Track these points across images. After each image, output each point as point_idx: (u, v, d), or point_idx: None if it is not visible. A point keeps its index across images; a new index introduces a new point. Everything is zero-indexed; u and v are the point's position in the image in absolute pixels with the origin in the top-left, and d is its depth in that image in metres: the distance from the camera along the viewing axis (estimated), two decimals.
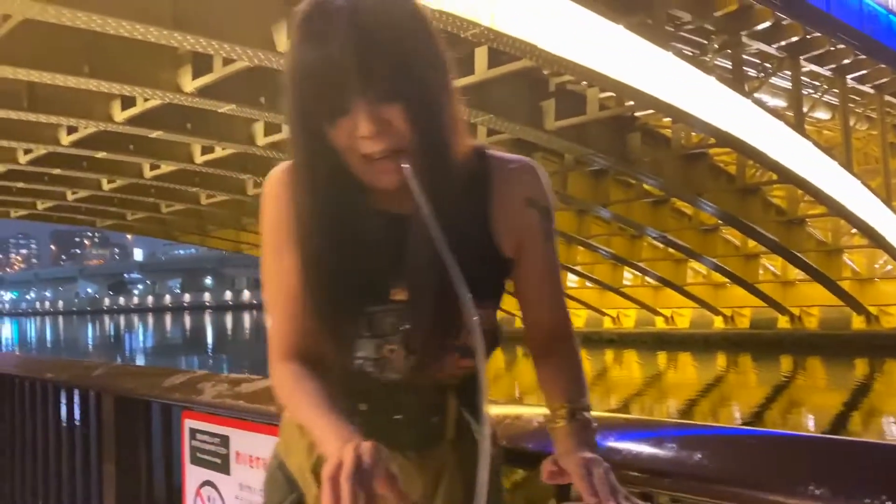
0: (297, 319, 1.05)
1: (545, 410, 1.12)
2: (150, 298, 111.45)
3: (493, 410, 1.25)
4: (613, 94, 15.21)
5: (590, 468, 0.93)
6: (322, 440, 0.95)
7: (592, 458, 0.96)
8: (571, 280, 28.45)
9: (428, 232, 0.94)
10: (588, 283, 28.00)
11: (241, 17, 10.40)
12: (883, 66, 19.64)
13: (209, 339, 44.34)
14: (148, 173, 20.50)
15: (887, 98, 21.60)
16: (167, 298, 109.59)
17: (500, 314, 1.09)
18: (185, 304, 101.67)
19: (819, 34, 17.13)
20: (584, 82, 14.65)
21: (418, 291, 1.00)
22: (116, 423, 2.44)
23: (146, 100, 13.94)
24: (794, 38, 16.84)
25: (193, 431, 2.20)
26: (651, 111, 16.11)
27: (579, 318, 30.38)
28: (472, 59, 12.52)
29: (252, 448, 1.97)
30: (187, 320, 72.81)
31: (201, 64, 12.38)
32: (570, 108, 15.02)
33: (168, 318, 79.46)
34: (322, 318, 1.03)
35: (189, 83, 12.76)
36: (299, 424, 1.08)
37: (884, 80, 20.44)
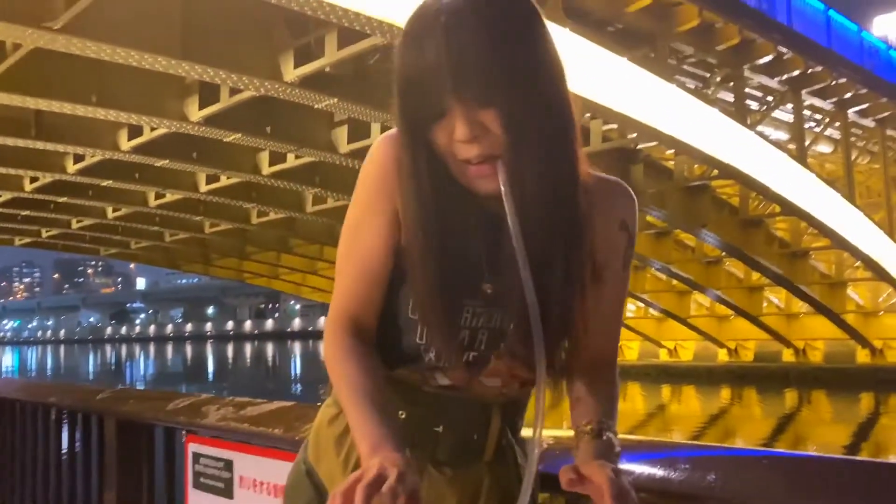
0: (367, 287, 1.02)
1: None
2: (151, 328, 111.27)
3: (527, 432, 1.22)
4: (616, 126, 15.32)
5: (615, 478, 0.88)
6: (356, 438, 0.92)
7: (617, 469, 0.91)
8: None
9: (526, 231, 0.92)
10: None
11: (248, 48, 10.53)
12: (884, 100, 19.79)
13: (210, 369, 44.16)
14: (153, 202, 20.60)
15: (889, 132, 21.72)
16: (169, 328, 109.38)
17: None
18: (187, 334, 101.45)
19: (820, 68, 17.28)
20: (588, 114, 14.75)
21: (500, 290, 0.98)
22: (119, 447, 2.42)
23: (153, 129, 14.05)
24: (796, 72, 16.99)
25: (197, 455, 2.18)
26: (654, 143, 16.19)
27: None
28: None
29: (256, 472, 1.95)
30: (188, 350, 72.60)
31: (208, 93, 12.51)
32: None
33: (169, 348, 79.23)
34: (427, 307, 0.99)
35: (195, 112, 12.87)
36: (336, 433, 1.05)
37: (885, 113, 20.57)
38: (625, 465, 1.10)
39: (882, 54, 19.91)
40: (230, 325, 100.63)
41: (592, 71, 12.13)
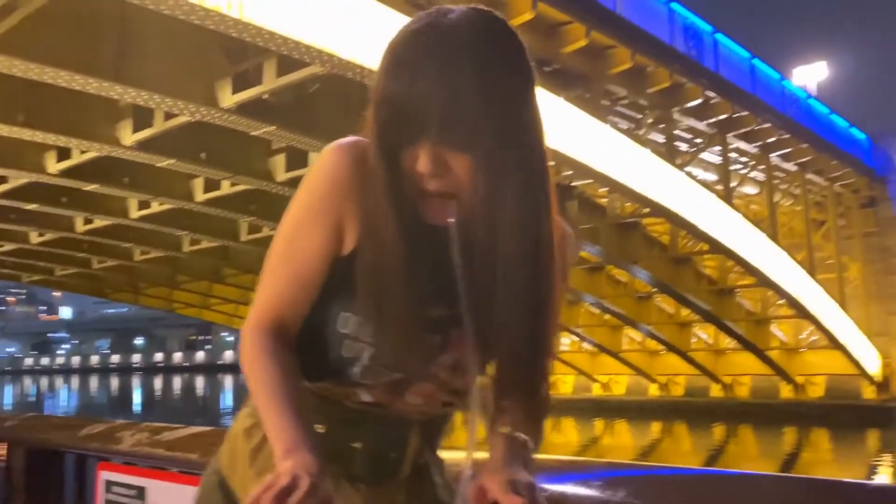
0: (297, 293, 0.99)
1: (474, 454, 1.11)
2: (76, 358, 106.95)
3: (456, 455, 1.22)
4: (553, 163, 15.61)
5: (516, 489, 0.86)
6: (271, 439, 0.90)
7: (519, 480, 0.88)
8: None
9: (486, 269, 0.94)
10: None
11: (184, 72, 10.39)
12: (804, 145, 20.78)
13: (136, 401, 42.62)
14: (81, 227, 19.94)
15: (809, 176, 22.76)
16: (94, 359, 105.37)
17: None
18: (113, 365, 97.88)
19: (745, 113, 18.06)
20: None
21: (450, 320, 0.98)
22: (27, 475, 2.31)
23: (83, 152, 13.66)
24: (723, 116, 17.71)
25: (109, 484, 2.10)
26: (589, 181, 16.58)
27: None
28: None
29: (169, 500, 1.89)
30: (114, 381, 69.98)
31: (142, 117, 12.26)
32: None
33: (94, 379, 76.25)
34: (336, 297, 0.99)
35: (128, 136, 12.58)
36: (252, 445, 1.03)
37: (805, 158, 21.58)
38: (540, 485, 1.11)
39: (802, 102, 20.97)
40: (159, 356, 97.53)
41: None
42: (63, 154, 14.18)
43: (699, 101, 16.81)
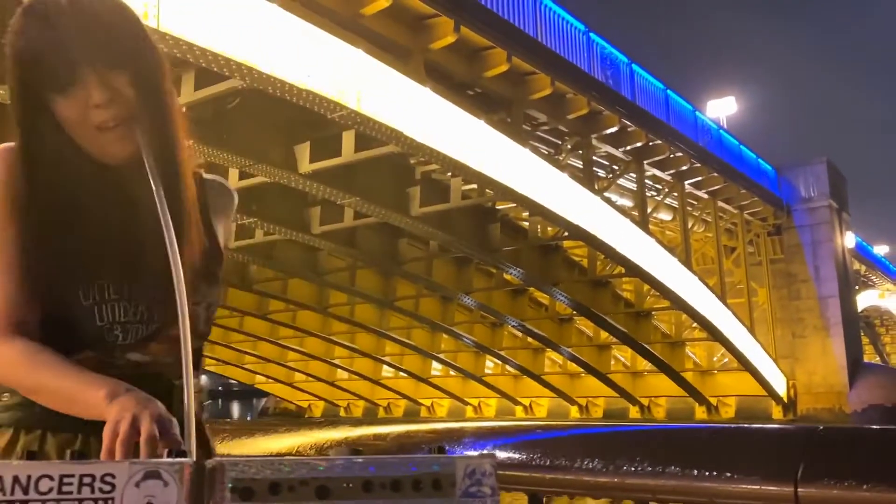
0: (18, 292, 1.02)
1: (434, 425, 1.19)
2: None
3: (397, 428, 1.31)
4: (476, 185, 15.84)
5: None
6: (80, 403, 0.91)
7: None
8: (435, 368, 28.52)
9: (153, 213, 0.98)
10: (451, 372, 28.16)
11: None
12: (715, 174, 21.69)
13: None
14: None
15: (720, 204, 23.73)
16: None
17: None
18: None
19: (660, 142, 18.75)
20: (449, 173, 15.19)
21: (135, 266, 1.04)
22: None
23: None
24: (639, 144, 18.32)
25: None
26: (511, 204, 16.86)
27: (442, 408, 30.35)
28: (339, 141, 12.72)
29: None
30: None
31: None
32: (435, 196, 15.46)
33: None
34: (47, 288, 1.03)
35: None
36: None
37: (717, 186, 22.51)
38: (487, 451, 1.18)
39: (713, 133, 21.94)
40: None
41: (452, 131, 12.55)
42: None
43: (616, 128, 17.36)
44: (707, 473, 0.97)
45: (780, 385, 24.53)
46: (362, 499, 0.76)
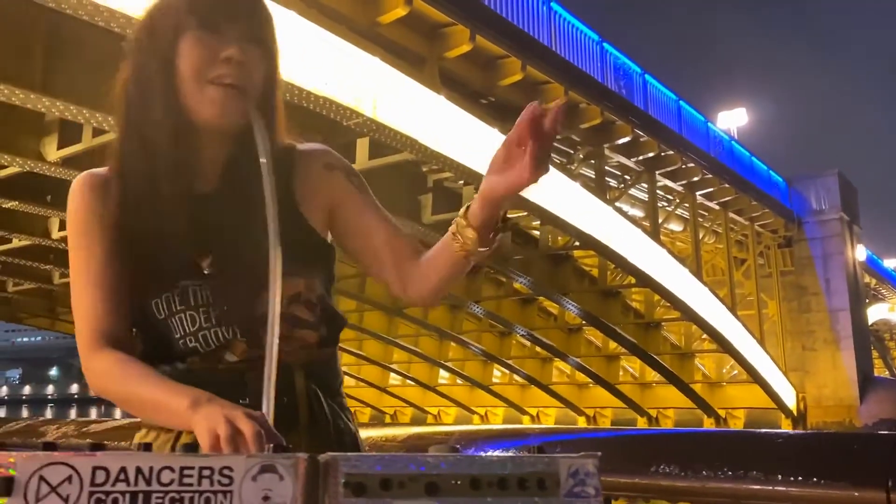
0: (107, 304, 1.04)
1: (414, 430, 1.16)
2: None
3: (407, 431, 1.28)
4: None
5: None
6: (168, 414, 0.92)
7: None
8: (443, 376, 28.47)
9: (232, 207, 1.01)
10: (459, 381, 28.09)
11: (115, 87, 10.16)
12: (726, 185, 21.64)
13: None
14: None
15: (731, 215, 23.68)
16: (3, 390, 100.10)
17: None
18: (24, 397, 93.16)
19: (672, 152, 18.72)
20: (462, 181, 15.19)
21: (223, 262, 1.04)
22: None
23: (2, 167, 13.13)
24: (651, 154, 18.30)
25: None
26: (522, 213, 16.85)
27: (448, 416, 30.28)
28: (353, 148, 12.75)
29: None
30: (25, 413, 66.55)
31: (69, 132, 11.89)
32: (447, 204, 15.47)
33: (2, 412, 72.32)
34: (142, 296, 1.04)
35: (54, 152, 12.17)
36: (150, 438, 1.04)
37: (728, 198, 22.46)
38: (491, 452, 1.14)
39: (725, 144, 21.90)
40: (75, 387, 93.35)
41: (467, 139, 12.57)
42: None
43: (629, 138, 17.34)
44: (793, 479, 0.96)
45: (789, 398, 24.39)
46: (470, 496, 0.76)
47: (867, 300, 31.72)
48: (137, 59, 1.05)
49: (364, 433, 1.27)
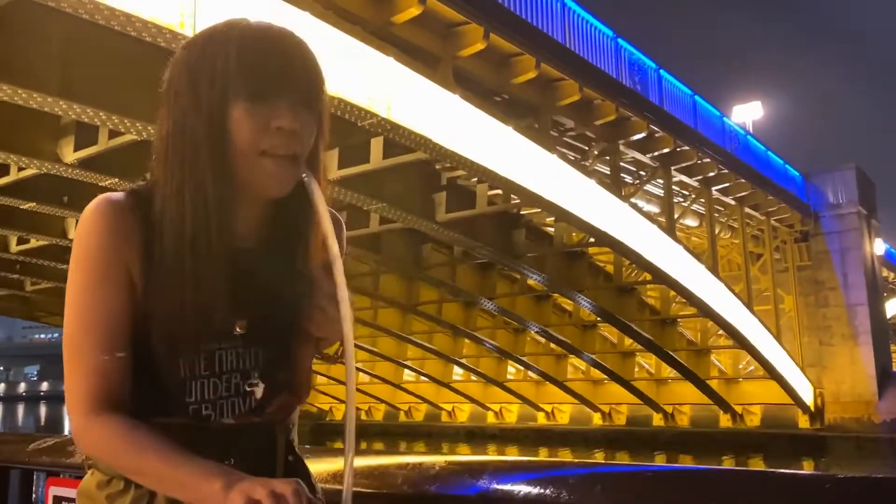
0: (115, 361, 0.96)
1: (436, 458, 1.16)
2: (0, 386, 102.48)
3: (386, 460, 1.29)
4: (501, 191, 15.80)
5: None
6: (193, 491, 0.90)
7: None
8: (457, 373, 28.48)
9: (270, 265, 0.99)
10: (473, 377, 28.10)
11: (131, 89, 10.19)
12: (742, 180, 21.47)
13: (65, 430, 40.94)
14: (14, 247, 19.23)
15: (747, 210, 23.50)
16: (22, 386, 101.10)
17: None
18: (42, 393, 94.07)
19: (687, 147, 18.59)
20: (475, 179, 15.15)
21: (257, 326, 1.01)
22: None
23: (21, 169, 13.24)
24: (666, 150, 18.18)
25: (58, 499, 2.01)
26: (536, 209, 16.79)
27: (462, 413, 30.30)
28: (367, 148, 12.75)
29: None
30: (43, 410, 67.18)
31: (85, 134, 11.96)
32: (461, 202, 15.45)
33: (21, 408, 73.09)
34: (160, 354, 0.97)
35: (70, 154, 12.25)
36: (111, 492, 0.99)
37: (743, 193, 22.28)
38: (504, 486, 1.14)
39: (741, 138, 21.72)
40: None
41: (481, 137, 12.54)
42: (0, 171, 13.71)
43: (644, 134, 17.24)
44: None
45: (806, 394, 24.21)
46: None
47: (885, 294, 31.39)
48: (183, 121, 1.00)
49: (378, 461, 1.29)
